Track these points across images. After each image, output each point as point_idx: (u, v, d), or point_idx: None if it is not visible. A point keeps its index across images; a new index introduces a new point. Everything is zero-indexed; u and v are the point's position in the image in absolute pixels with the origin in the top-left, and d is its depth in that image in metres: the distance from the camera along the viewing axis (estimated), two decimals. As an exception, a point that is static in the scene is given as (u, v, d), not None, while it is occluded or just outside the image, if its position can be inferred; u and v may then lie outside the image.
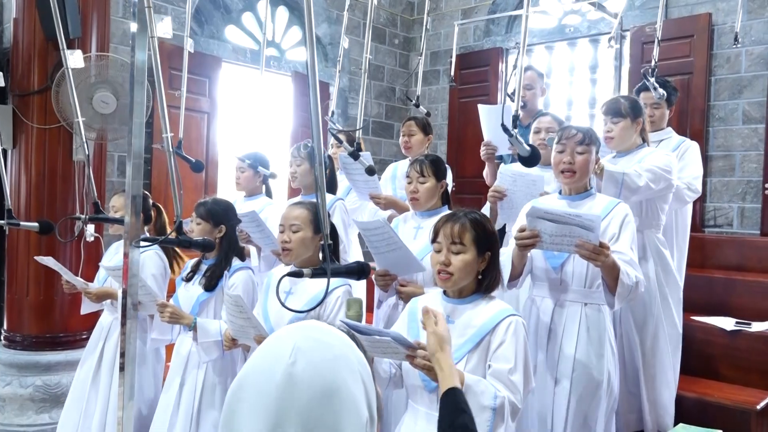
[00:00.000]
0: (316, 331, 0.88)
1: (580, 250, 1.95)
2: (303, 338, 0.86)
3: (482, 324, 1.79)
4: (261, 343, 1.99)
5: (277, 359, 0.83)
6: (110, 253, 3.19)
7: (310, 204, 2.32)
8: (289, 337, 0.86)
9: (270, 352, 0.86)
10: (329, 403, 0.80)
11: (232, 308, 2.00)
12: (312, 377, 0.81)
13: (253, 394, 0.82)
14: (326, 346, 0.86)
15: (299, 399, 0.80)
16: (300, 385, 0.80)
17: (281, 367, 0.82)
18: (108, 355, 2.98)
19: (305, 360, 0.82)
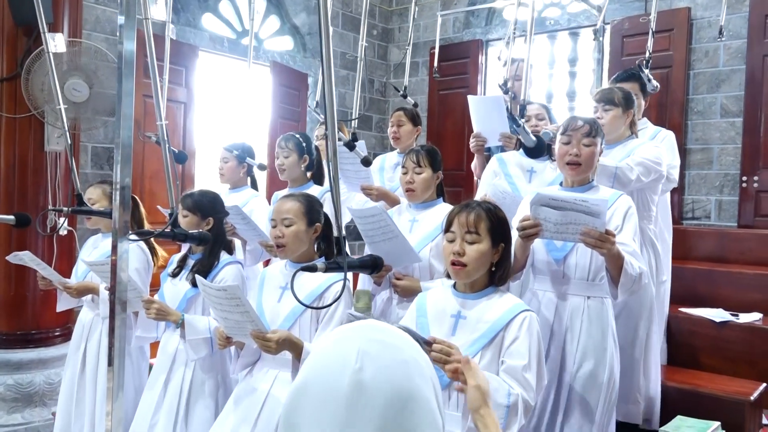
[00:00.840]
0: (378, 333, 0.81)
1: (585, 238, 1.92)
2: (367, 341, 0.79)
3: (496, 319, 1.74)
4: (259, 338, 1.93)
5: (342, 365, 0.76)
6: (88, 247, 3.06)
7: (302, 196, 2.24)
8: (351, 341, 0.79)
9: (332, 358, 0.78)
10: (405, 411, 0.74)
11: (225, 302, 1.91)
12: (383, 383, 0.75)
13: (317, 404, 0.75)
14: (394, 349, 0.79)
15: (371, 408, 0.73)
16: (371, 393, 0.74)
17: (347, 374, 0.75)
18: (90, 356, 2.87)
19: (374, 365, 0.76)
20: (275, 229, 2.18)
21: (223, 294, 1.90)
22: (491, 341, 1.73)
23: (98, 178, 4.62)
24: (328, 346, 0.81)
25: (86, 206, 2.38)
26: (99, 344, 2.88)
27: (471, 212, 1.79)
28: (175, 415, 2.41)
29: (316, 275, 2.18)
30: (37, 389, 3.99)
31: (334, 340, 0.82)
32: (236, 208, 2.78)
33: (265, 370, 2.17)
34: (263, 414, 2.06)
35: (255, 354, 2.23)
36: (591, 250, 2.14)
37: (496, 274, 1.82)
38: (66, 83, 3.85)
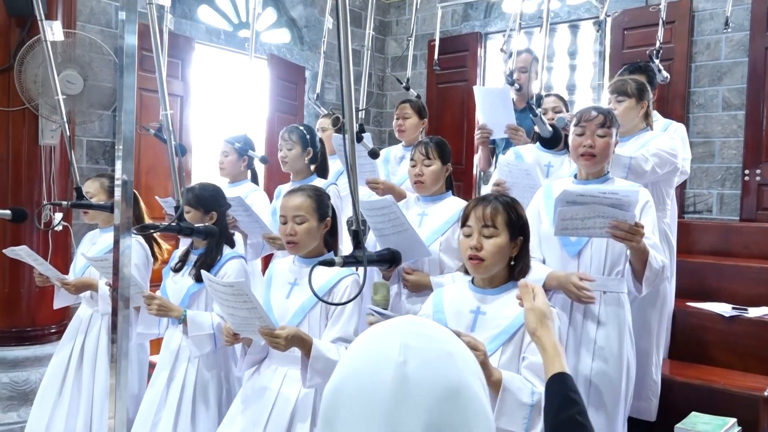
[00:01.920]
0: (419, 326, 0.77)
1: (615, 231, 1.86)
2: (409, 334, 0.74)
3: (516, 315, 1.69)
4: (267, 335, 1.88)
5: (384, 359, 0.72)
6: (86, 242, 2.98)
7: (311, 190, 2.18)
8: (392, 335, 0.75)
9: (372, 353, 0.74)
10: (453, 405, 0.70)
11: (232, 299, 1.85)
12: (429, 377, 0.71)
13: (359, 401, 0.71)
14: (437, 341, 0.75)
15: (418, 403, 0.69)
16: (417, 387, 0.70)
17: (391, 368, 0.71)
18: (89, 350, 2.80)
19: (418, 358, 0.71)
20: (286, 226, 2.12)
21: (230, 290, 1.84)
22: (512, 337, 1.68)
23: (94, 172, 4.53)
24: (367, 341, 0.77)
25: (86, 200, 2.31)
26: (97, 340, 2.81)
27: (488, 206, 1.74)
28: (178, 413, 2.35)
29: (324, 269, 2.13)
30: (32, 387, 3.91)
31: (373, 335, 0.78)
32: (239, 199, 2.72)
33: (273, 368, 2.12)
34: (274, 414, 2.01)
35: (263, 351, 2.17)
36: (606, 244, 2.09)
37: (516, 269, 1.77)
38: (60, 75, 3.77)
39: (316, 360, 1.95)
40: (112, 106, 4.20)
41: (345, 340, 2.04)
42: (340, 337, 2.04)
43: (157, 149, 4.84)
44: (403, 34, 6.81)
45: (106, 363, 2.80)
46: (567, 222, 1.89)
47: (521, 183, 2.47)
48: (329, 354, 1.97)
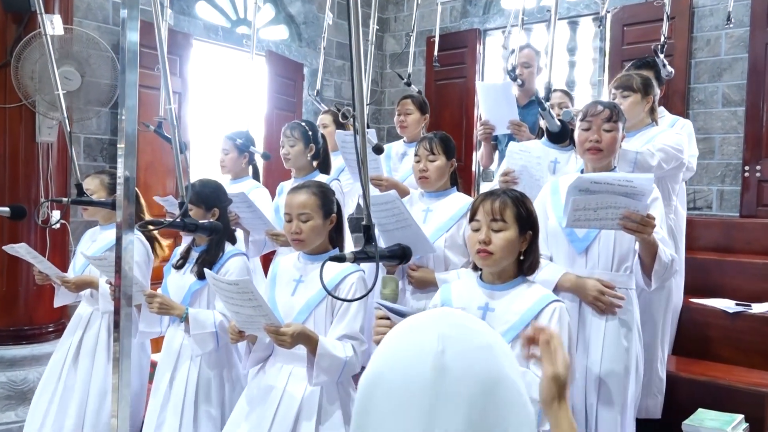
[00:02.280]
0: (456, 317, 0.76)
1: (626, 222, 1.84)
2: (446, 325, 0.73)
3: (525, 311, 1.67)
4: (273, 332, 1.85)
5: (422, 350, 0.70)
6: (86, 239, 2.95)
7: (315, 187, 2.15)
8: (428, 326, 0.74)
9: (410, 344, 0.73)
10: (493, 396, 0.69)
11: (237, 297, 1.82)
12: (469, 368, 0.69)
13: (396, 393, 0.69)
14: (475, 332, 0.74)
15: (457, 394, 0.68)
16: (456, 378, 0.68)
17: (429, 358, 0.69)
18: (87, 346, 2.77)
19: (456, 348, 0.70)
20: (291, 224, 2.10)
21: (235, 288, 1.81)
22: (521, 334, 1.66)
23: (92, 169, 4.49)
24: (403, 333, 0.75)
25: (86, 196, 2.28)
26: (97, 337, 2.78)
27: (496, 199, 1.72)
28: (182, 413, 2.32)
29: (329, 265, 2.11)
30: (30, 386, 3.88)
31: (410, 326, 0.76)
32: (242, 195, 2.69)
33: (278, 366, 2.09)
34: (279, 413, 1.98)
35: (267, 348, 2.15)
36: (614, 239, 2.07)
37: (525, 264, 1.75)
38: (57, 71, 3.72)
39: (322, 357, 1.93)
40: (110, 103, 4.16)
41: (351, 337, 2.02)
42: (346, 334, 2.02)
43: (155, 146, 4.81)
44: (402, 30, 6.79)
45: (105, 360, 2.77)
46: (579, 213, 1.85)
47: (530, 171, 2.45)
48: (335, 351, 1.95)
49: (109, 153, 4.65)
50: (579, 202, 1.84)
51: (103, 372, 2.75)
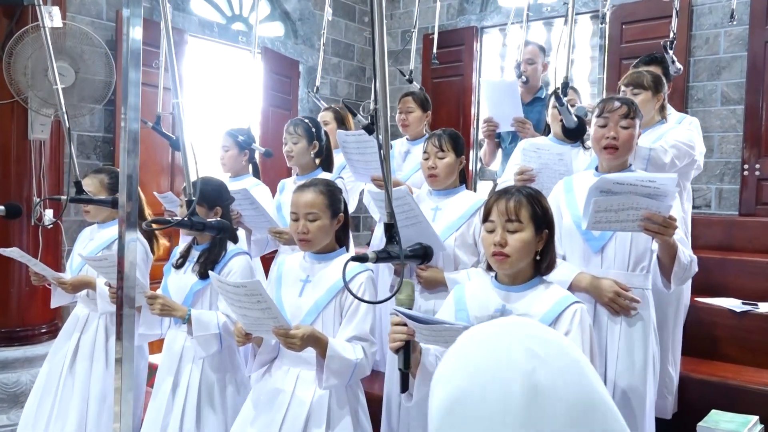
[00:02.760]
0: (534, 328, 0.69)
1: (648, 224, 1.79)
2: (529, 338, 0.67)
3: (545, 313, 1.62)
4: (282, 335, 1.79)
5: (508, 368, 0.64)
6: (83, 238, 2.88)
7: (323, 185, 2.10)
8: (509, 339, 0.67)
9: (493, 359, 0.66)
10: (592, 418, 0.63)
11: (245, 299, 1.76)
12: (562, 388, 0.63)
13: (482, 412, 0.63)
14: (560, 347, 0.67)
15: (552, 417, 0.61)
16: (550, 400, 0.62)
17: (518, 378, 0.63)
18: (85, 349, 2.70)
19: (547, 366, 0.64)
20: (297, 223, 2.04)
21: (242, 290, 1.75)
22: None
23: (85, 167, 4.41)
24: (480, 346, 0.68)
25: (86, 194, 2.20)
26: (94, 339, 2.71)
27: (510, 199, 1.66)
28: (184, 417, 2.26)
29: (336, 266, 2.05)
30: (23, 389, 3.80)
31: (485, 339, 0.69)
32: (245, 191, 2.63)
33: (285, 369, 2.03)
34: (288, 418, 1.92)
35: (273, 351, 2.09)
36: (630, 239, 2.03)
37: (542, 264, 1.70)
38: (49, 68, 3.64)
39: (332, 360, 1.87)
40: (104, 100, 4.08)
41: (361, 338, 1.97)
42: (356, 335, 1.96)
43: (149, 143, 4.72)
44: (397, 28, 6.73)
45: (103, 363, 2.70)
46: (600, 214, 1.80)
47: (552, 168, 2.40)
48: (345, 353, 1.90)
49: (102, 151, 4.57)
50: (600, 204, 1.78)
51: (102, 375, 2.68)
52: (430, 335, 1.50)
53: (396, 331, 1.53)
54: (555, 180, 2.32)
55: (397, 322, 1.54)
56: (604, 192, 1.78)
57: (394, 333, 1.53)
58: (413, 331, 1.52)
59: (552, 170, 2.40)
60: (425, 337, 1.52)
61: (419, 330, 1.48)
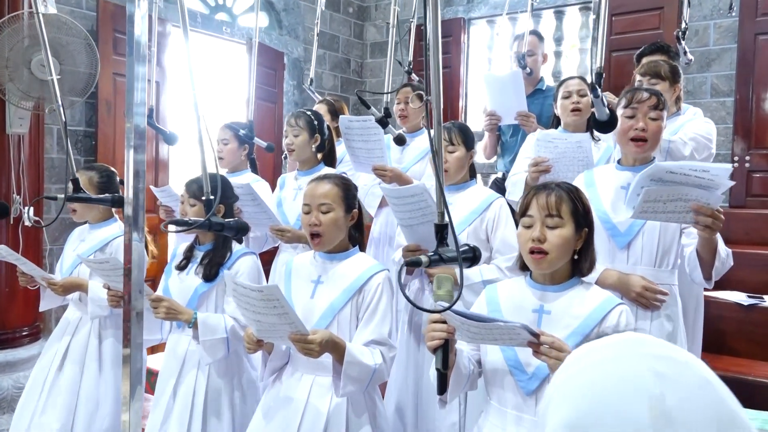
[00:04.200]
0: (659, 347, 0.63)
1: (697, 216, 1.72)
2: (655, 359, 0.60)
3: (588, 314, 1.55)
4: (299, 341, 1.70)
5: (635, 393, 0.57)
6: (74, 239, 2.73)
7: (338, 178, 2.00)
8: (632, 360, 0.61)
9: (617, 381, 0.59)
10: None
11: (260, 304, 1.66)
12: (696, 412, 0.57)
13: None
14: (689, 367, 0.61)
15: None
16: (683, 426, 0.56)
17: (645, 404, 0.56)
18: (75, 352, 2.57)
19: (677, 390, 0.57)
20: (309, 216, 1.93)
21: (259, 295, 1.65)
22: (585, 339, 1.54)
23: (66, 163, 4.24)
24: (600, 368, 0.62)
25: (84, 192, 2.07)
26: (86, 342, 2.59)
27: (551, 193, 1.59)
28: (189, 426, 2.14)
29: (350, 265, 1.96)
30: (4, 394, 3.65)
31: (604, 359, 0.63)
32: (248, 187, 2.52)
33: (298, 376, 1.93)
34: (304, 426, 1.82)
35: (284, 357, 1.99)
36: (659, 233, 1.97)
37: (581, 264, 1.62)
38: (33, 59, 3.47)
39: (350, 366, 1.78)
40: (86, 93, 3.91)
41: (379, 342, 1.88)
42: (374, 339, 1.87)
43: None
44: (383, 19, 6.62)
45: (96, 367, 2.58)
46: (649, 204, 1.72)
47: (570, 157, 2.33)
48: (363, 358, 1.81)
49: (83, 145, 4.39)
50: (651, 194, 1.70)
51: (94, 379, 2.55)
52: (478, 334, 1.41)
53: (435, 329, 1.44)
54: (574, 170, 2.26)
55: (435, 319, 1.45)
56: (654, 181, 1.70)
57: (433, 330, 1.44)
58: (453, 328, 1.43)
59: (570, 159, 2.33)
60: (472, 336, 1.43)
61: (466, 328, 1.40)
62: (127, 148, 1.49)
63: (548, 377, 1.53)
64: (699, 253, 1.88)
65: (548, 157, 2.39)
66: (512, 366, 1.58)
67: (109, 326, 2.63)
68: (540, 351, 1.39)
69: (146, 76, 1.51)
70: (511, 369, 1.58)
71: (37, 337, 3.98)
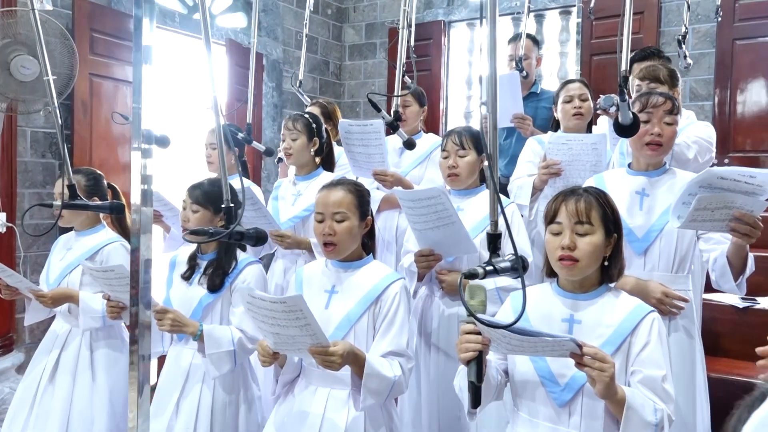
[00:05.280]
0: None
1: (737, 224, 1.70)
2: None
3: (620, 323, 1.52)
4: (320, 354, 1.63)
5: None
6: (60, 248, 2.60)
7: (351, 185, 1.93)
8: None
9: None
10: None
11: (281, 315, 1.58)
12: None
13: None
14: None
15: None
16: None
17: None
18: (66, 365, 2.46)
19: None
20: (323, 225, 1.87)
21: (281, 306, 1.57)
22: (618, 348, 1.51)
23: (40, 166, 4.08)
24: None
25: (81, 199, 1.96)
26: (77, 356, 2.47)
27: (580, 199, 1.55)
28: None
29: (368, 274, 1.91)
30: (-21, 410, 3.47)
31: None
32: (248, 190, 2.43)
33: (312, 389, 1.86)
34: (321, 442, 1.76)
35: (296, 369, 1.92)
36: (676, 239, 1.96)
37: (611, 270, 1.59)
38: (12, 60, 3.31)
39: (370, 378, 1.72)
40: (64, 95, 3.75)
41: (397, 353, 1.82)
42: (392, 350, 1.81)
43: (110, 141, 4.42)
44: (361, 20, 6.57)
45: (89, 379, 2.46)
46: (698, 213, 1.68)
47: (582, 160, 2.31)
48: (383, 370, 1.75)
49: (58, 149, 4.22)
50: (703, 201, 1.66)
51: (88, 392, 2.43)
52: (519, 346, 1.36)
53: (469, 340, 1.38)
54: (584, 173, 2.24)
55: (469, 330, 1.39)
56: (704, 187, 1.67)
57: (467, 342, 1.38)
58: (488, 340, 1.39)
59: (582, 162, 2.31)
60: (511, 348, 1.38)
61: (507, 341, 1.35)
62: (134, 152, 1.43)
63: (582, 388, 1.50)
64: (729, 260, 1.86)
65: (560, 160, 2.37)
66: (544, 377, 1.54)
67: (101, 337, 2.51)
68: (583, 363, 1.35)
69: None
70: (543, 380, 1.54)
71: (10, 348, 3.80)
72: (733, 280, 1.87)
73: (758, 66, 4.88)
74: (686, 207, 1.67)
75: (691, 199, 1.66)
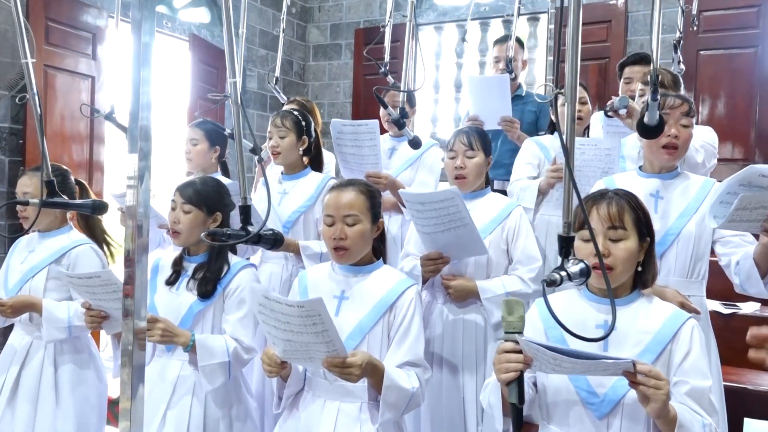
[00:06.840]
0: None
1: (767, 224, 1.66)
2: None
3: (659, 330, 1.45)
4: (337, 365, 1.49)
5: None
6: (21, 249, 2.37)
7: (363, 186, 1.80)
8: None
9: None
10: None
11: (296, 321, 1.44)
12: None
13: None
14: None
15: None
16: None
17: None
18: (27, 385, 2.24)
19: None
20: (333, 228, 1.73)
21: (298, 311, 1.44)
22: (658, 357, 1.44)
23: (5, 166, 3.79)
24: None
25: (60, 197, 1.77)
26: (39, 373, 2.26)
27: (611, 203, 1.48)
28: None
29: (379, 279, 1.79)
30: None
31: None
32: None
33: (320, 403, 1.72)
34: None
35: (300, 382, 1.78)
36: (693, 242, 1.92)
37: (645, 275, 1.52)
38: None
39: (390, 391, 1.60)
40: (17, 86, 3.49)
41: (414, 364, 1.70)
42: (409, 360, 1.70)
43: (65, 138, 4.14)
44: (326, 21, 6.44)
45: (52, 400, 2.25)
46: (739, 213, 1.62)
47: (594, 166, 2.25)
48: (401, 382, 1.63)
49: (9, 144, 3.93)
50: (745, 200, 1.61)
51: (51, 417, 2.22)
52: (570, 368, 1.27)
53: (509, 360, 1.29)
54: (595, 178, 2.18)
55: (509, 349, 1.30)
56: (744, 186, 1.62)
57: (507, 362, 1.29)
58: (530, 359, 1.29)
59: (593, 168, 2.26)
60: (558, 368, 1.29)
61: (557, 363, 1.25)
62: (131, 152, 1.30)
63: (622, 400, 1.42)
64: (756, 262, 1.83)
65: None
66: (581, 389, 1.45)
67: (66, 351, 2.30)
68: (637, 381, 1.27)
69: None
70: (580, 392, 1.45)
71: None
72: (762, 282, 1.83)
73: (721, 77, 5.01)
74: (724, 206, 1.63)
75: (730, 198, 1.62)
